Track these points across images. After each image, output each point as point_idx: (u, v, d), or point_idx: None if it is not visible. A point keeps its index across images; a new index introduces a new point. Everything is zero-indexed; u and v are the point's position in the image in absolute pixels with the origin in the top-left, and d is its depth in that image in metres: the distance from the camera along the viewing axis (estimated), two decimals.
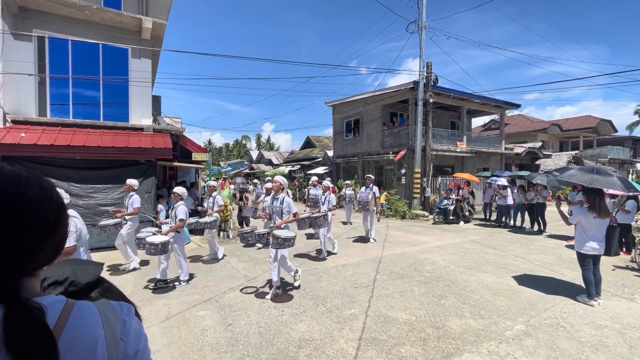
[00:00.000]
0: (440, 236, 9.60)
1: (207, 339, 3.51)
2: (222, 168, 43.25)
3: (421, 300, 4.56)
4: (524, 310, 4.25)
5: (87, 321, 0.62)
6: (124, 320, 0.68)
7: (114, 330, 0.64)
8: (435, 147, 14.89)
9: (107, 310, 0.67)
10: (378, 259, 6.84)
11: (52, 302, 0.61)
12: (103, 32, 8.29)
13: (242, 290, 4.98)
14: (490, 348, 3.31)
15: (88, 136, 7.44)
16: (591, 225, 4.42)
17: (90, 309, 0.65)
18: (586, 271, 4.51)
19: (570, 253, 7.21)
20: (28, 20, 7.63)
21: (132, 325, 0.69)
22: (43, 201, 0.61)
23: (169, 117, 14.68)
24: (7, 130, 6.95)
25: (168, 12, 9.77)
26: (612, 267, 6.30)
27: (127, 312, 0.70)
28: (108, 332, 0.63)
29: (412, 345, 3.37)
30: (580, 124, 30.37)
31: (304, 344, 3.39)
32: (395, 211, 13.86)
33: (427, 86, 13.58)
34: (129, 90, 8.62)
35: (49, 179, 0.68)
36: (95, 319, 0.63)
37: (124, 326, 0.68)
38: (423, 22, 13.64)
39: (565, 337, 3.54)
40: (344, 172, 20.33)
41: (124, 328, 0.67)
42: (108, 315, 0.66)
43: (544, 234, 9.96)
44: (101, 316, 0.64)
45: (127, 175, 7.83)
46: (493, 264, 6.50)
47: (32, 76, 7.64)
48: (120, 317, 0.68)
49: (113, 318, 0.66)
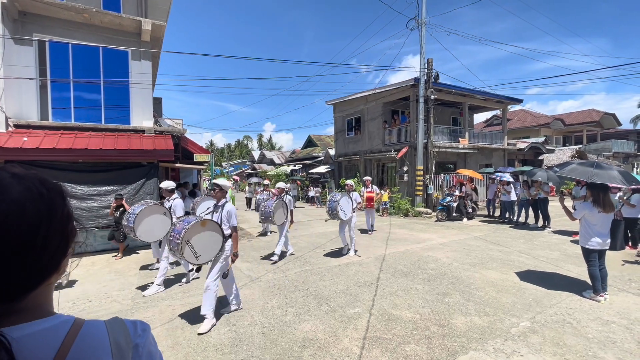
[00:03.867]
0: (444, 233, 9.56)
1: (211, 340, 3.50)
2: (224, 169, 43.37)
3: (425, 298, 4.53)
4: (530, 306, 4.22)
5: (94, 346, 0.58)
6: (137, 343, 0.63)
7: (123, 356, 0.60)
8: (437, 144, 14.82)
9: (117, 331, 0.62)
10: (381, 257, 6.82)
11: (58, 324, 0.57)
12: (103, 35, 8.31)
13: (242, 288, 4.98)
14: (496, 345, 3.28)
15: (90, 139, 7.47)
16: (596, 220, 4.37)
17: (99, 332, 0.60)
18: (592, 266, 4.47)
19: (576, 248, 7.15)
20: (28, 25, 7.66)
21: (145, 349, 0.64)
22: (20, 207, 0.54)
23: (171, 119, 14.72)
24: (10, 134, 6.98)
25: (167, 14, 9.78)
26: (622, 262, 6.24)
27: (141, 334, 0.65)
28: (117, 358, 0.59)
29: (417, 343, 3.35)
30: (583, 118, 30.13)
31: (308, 344, 3.38)
32: (398, 209, 13.82)
33: (428, 83, 13.51)
34: (130, 92, 8.63)
35: (50, 180, 0.62)
36: (102, 343, 0.59)
37: (136, 350, 0.62)
38: (423, 18, 13.56)
39: (572, 334, 3.50)
40: (346, 170, 20.29)
41: (136, 353, 0.62)
42: (118, 339, 0.61)
43: (548, 229, 9.89)
44: (110, 339, 0.60)
45: (129, 178, 7.88)
46: (497, 260, 6.46)
47: (33, 80, 7.67)
48: (132, 340, 0.63)
49: (124, 341, 0.61)
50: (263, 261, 6.73)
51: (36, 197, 0.57)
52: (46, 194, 0.59)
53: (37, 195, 0.57)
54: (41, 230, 0.56)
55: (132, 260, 7.02)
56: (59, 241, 0.59)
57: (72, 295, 4.91)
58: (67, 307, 4.45)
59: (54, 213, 0.59)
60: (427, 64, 13.54)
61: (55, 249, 0.59)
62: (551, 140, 29.06)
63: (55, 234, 0.59)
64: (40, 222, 0.56)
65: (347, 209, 6.85)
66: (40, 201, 0.57)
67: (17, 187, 0.56)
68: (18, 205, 0.54)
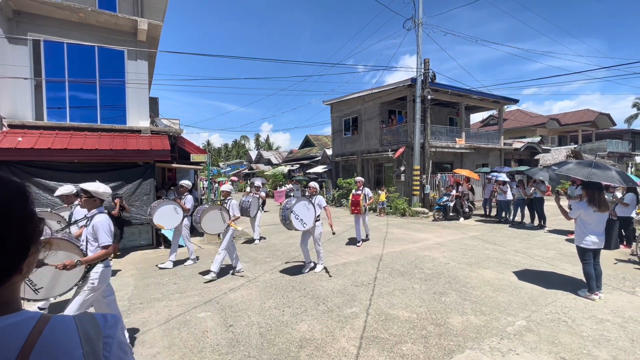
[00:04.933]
0: (441, 233, 9.59)
1: (208, 341, 3.49)
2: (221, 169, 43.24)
3: (422, 298, 4.55)
4: (525, 305, 4.24)
5: (61, 339, 0.57)
6: (107, 334, 0.63)
7: (93, 347, 0.60)
8: (434, 144, 14.88)
9: (87, 324, 0.62)
10: (378, 257, 6.84)
11: (23, 320, 0.57)
12: (98, 35, 8.26)
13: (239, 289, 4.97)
14: (492, 344, 3.30)
15: (85, 139, 7.42)
16: (591, 219, 4.41)
17: (67, 324, 0.60)
18: (586, 265, 4.50)
19: (571, 247, 7.21)
20: (23, 24, 7.59)
21: (115, 340, 0.64)
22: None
23: (167, 119, 14.63)
24: (4, 134, 6.92)
25: (164, 14, 9.72)
26: (615, 261, 6.30)
27: (111, 325, 0.65)
28: (87, 350, 0.59)
29: (414, 342, 3.37)
30: (578, 118, 30.36)
31: (305, 344, 3.38)
32: (395, 208, 13.85)
33: (424, 83, 13.55)
34: (126, 92, 8.58)
35: (12, 180, 0.60)
36: (71, 335, 0.59)
37: (107, 341, 0.63)
38: (420, 18, 13.60)
39: (567, 332, 3.53)
40: (344, 170, 20.31)
41: (107, 343, 0.62)
42: (88, 331, 0.61)
43: (545, 228, 9.96)
44: (79, 332, 0.60)
45: (125, 178, 7.84)
46: (494, 259, 6.50)
47: (28, 80, 7.60)
48: (103, 331, 0.63)
49: (94, 333, 0.61)
50: (260, 262, 6.72)
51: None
52: (3, 194, 0.58)
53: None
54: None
55: (128, 260, 6.99)
56: (17, 243, 0.58)
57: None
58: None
59: (11, 214, 0.58)
60: (423, 64, 13.58)
61: (13, 251, 0.58)
62: (547, 140, 29.26)
63: (12, 236, 0.57)
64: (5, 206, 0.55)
65: (305, 216, 5.63)
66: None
67: None
68: None
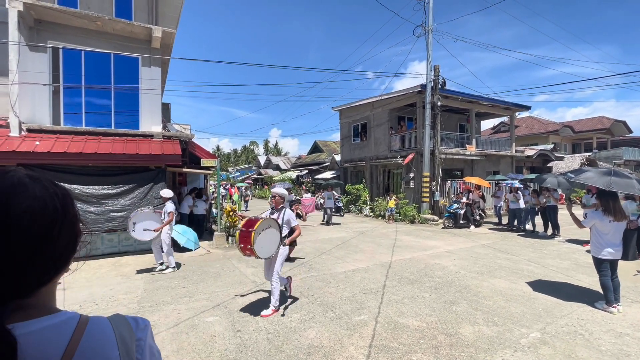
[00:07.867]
0: (451, 241, 9.44)
1: (215, 346, 3.49)
2: (230, 173, 43.64)
3: (432, 307, 4.47)
4: (540, 317, 4.12)
5: (101, 340, 0.60)
6: (139, 337, 0.66)
7: (128, 349, 0.62)
8: (444, 151, 14.73)
9: (121, 327, 0.65)
10: (387, 264, 6.76)
11: (65, 320, 0.59)
12: (114, 42, 8.50)
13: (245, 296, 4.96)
14: (505, 357, 3.21)
15: (100, 144, 7.59)
16: (607, 229, 4.28)
17: (105, 327, 0.63)
18: (603, 276, 4.36)
19: (587, 257, 7.00)
20: (43, 32, 7.87)
21: (147, 343, 0.68)
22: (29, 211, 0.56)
23: (179, 124, 14.89)
24: (23, 138, 7.13)
25: (177, 22, 9.97)
26: (635, 272, 6.09)
27: (142, 329, 0.68)
28: (122, 351, 0.61)
29: (424, 353, 3.30)
30: (593, 125, 29.72)
31: (313, 351, 3.35)
32: (404, 215, 13.72)
33: (434, 89, 13.49)
34: (140, 98, 8.78)
35: (61, 185, 0.65)
36: (109, 337, 0.61)
37: (139, 344, 0.66)
38: (430, 25, 13.60)
39: (584, 346, 3.41)
40: (352, 176, 20.27)
41: (139, 346, 0.66)
42: (123, 333, 0.63)
43: (558, 238, 9.71)
44: (115, 334, 0.62)
45: (138, 182, 7.97)
46: (506, 269, 6.35)
47: (46, 86, 7.85)
48: (135, 334, 0.66)
49: (128, 336, 0.64)
50: None
51: (53, 195, 0.61)
52: (59, 193, 0.63)
53: (53, 194, 0.61)
54: (57, 225, 0.60)
55: (139, 263, 7.06)
56: (70, 238, 0.63)
57: (79, 298, 4.95)
58: (74, 309, 4.46)
59: (68, 210, 0.63)
60: (433, 70, 13.54)
61: (66, 245, 0.62)
62: (560, 147, 28.69)
63: (68, 231, 0.62)
64: (57, 217, 0.60)
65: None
66: (56, 199, 0.61)
67: (36, 186, 0.60)
68: (40, 202, 0.58)
